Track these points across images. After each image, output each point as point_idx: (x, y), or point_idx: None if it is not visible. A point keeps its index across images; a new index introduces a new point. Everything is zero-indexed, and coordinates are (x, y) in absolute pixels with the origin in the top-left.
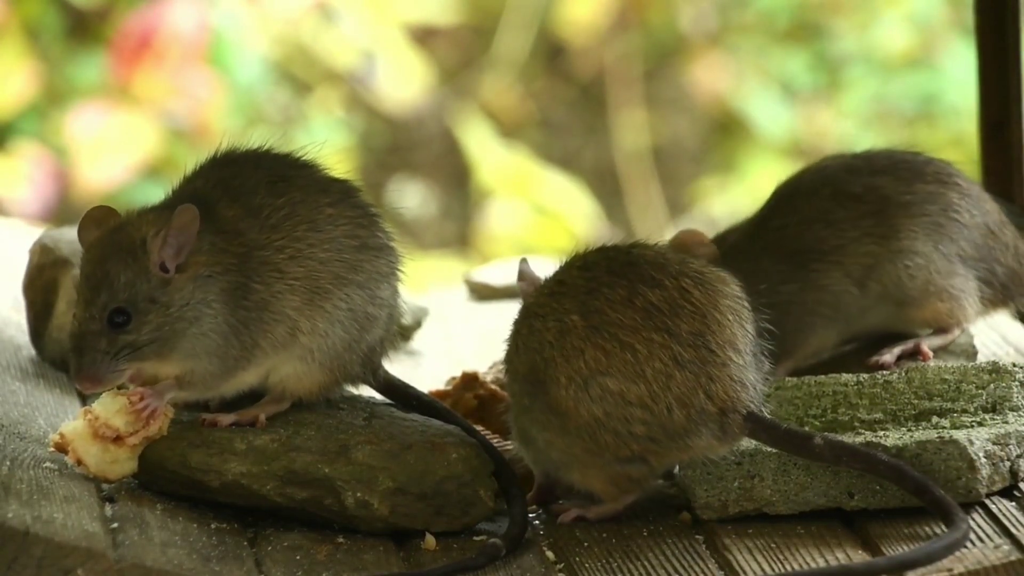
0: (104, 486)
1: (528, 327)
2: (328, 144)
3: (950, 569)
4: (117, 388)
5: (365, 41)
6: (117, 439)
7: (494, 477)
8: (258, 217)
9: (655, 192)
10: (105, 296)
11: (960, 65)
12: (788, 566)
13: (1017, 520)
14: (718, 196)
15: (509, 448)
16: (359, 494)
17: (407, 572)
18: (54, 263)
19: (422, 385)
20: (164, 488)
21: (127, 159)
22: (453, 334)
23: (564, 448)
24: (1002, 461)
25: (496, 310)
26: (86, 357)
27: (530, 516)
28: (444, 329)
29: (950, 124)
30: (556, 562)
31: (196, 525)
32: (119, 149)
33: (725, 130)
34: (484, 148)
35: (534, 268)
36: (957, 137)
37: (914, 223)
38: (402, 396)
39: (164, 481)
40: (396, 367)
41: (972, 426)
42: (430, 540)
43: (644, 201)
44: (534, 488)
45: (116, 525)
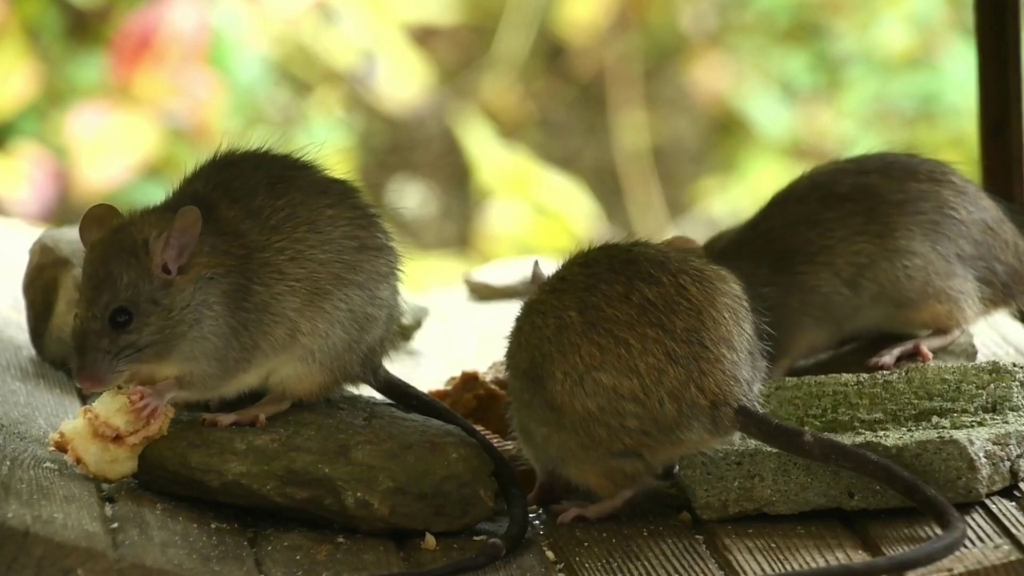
0: (104, 486)
1: (530, 324)
2: (328, 144)
3: (950, 569)
4: (117, 387)
5: (365, 41)
6: (117, 438)
7: (494, 477)
8: (258, 218)
9: (655, 192)
10: (107, 296)
11: (960, 65)
12: (788, 566)
13: (1017, 520)
14: (718, 196)
15: (509, 448)
16: (359, 494)
17: (407, 572)
18: (54, 263)
19: (422, 385)
20: (164, 488)
21: (127, 159)
22: (453, 334)
23: (560, 443)
24: (1002, 461)
25: (496, 310)
26: (88, 356)
27: (530, 516)
28: (444, 329)
29: (950, 124)
30: (556, 562)
31: (196, 525)
32: (119, 149)
33: (725, 130)
34: (484, 148)
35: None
36: (957, 137)
37: (909, 221)
38: (402, 396)
39: (164, 481)
40: (396, 367)
41: (972, 426)
42: (430, 540)
43: (644, 201)
44: (536, 487)
45: (116, 525)
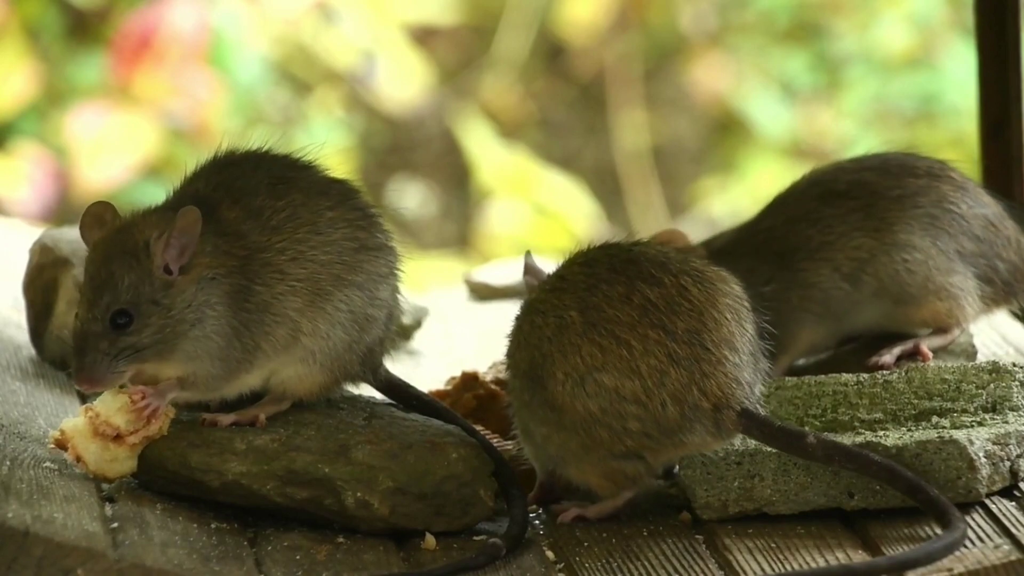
0: (104, 486)
1: (529, 323)
2: (328, 144)
3: (950, 569)
4: (119, 387)
5: (365, 41)
6: (117, 437)
7: (494, 477)
8: (259, 219)
9: (655, 192)
10: (108, 297)
11: (960, 65)
12: (788, 566)
13: (1017, 520)
14: (718, 196)
15: (509, 448)
16: (359, 494)
17: (407, 572)
18: (54, 263)
19: (422, 385)
20: (164, 488)
21: (127, 159)
22: (453, 334)
23: (561, 443)
24: (1002, 461)
25: (496, 310)
26: (88, 358)
27: (530, 516)
28: (444, 329)
29: (950, 124)
30: (556, 562)
31: (196, 525)
32: (119, 149)
33: (725, 130)
34: (484, 148)
35: (538, 262)
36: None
37: (908, 216)
38: (402, 396)
39: (164, 481)
40: (396, 367)
41: (972, 426)
42: (430, 540)
43: (644, 201)
44: (536, 486)
45: (116, 525)
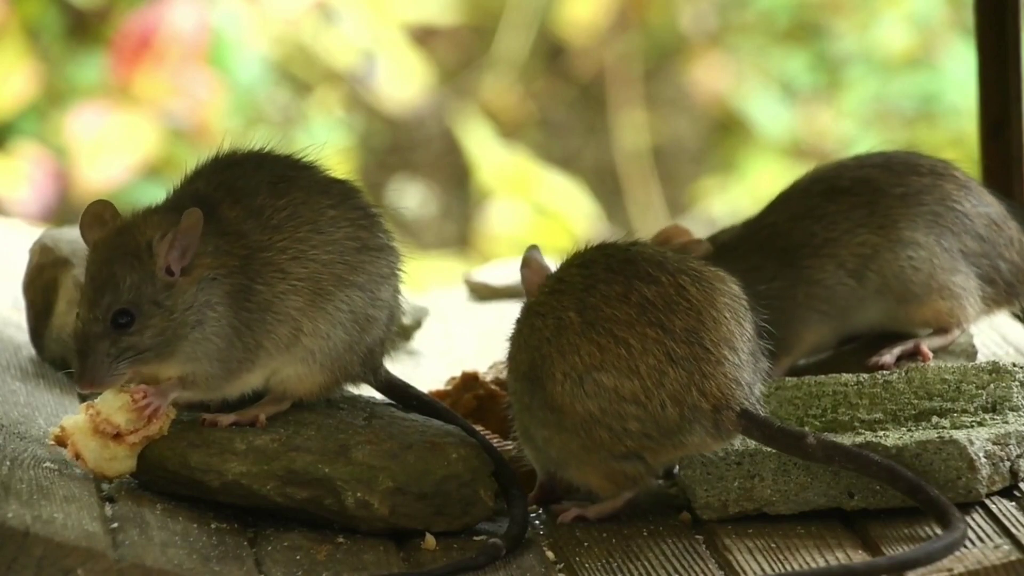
0: (104, 486)
1: (529, 326)
2: (328, 144)
3: (950, 569)
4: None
5: (365, 41)
6: (117, 436)
7: (494, 477)
8: (260, 218)
9: (655, 192)
10: (109, 298)
11: (960, 65)
12: (788, 566)
13: (1017, 520)
14: (718, 196)
15: (509, 448)
16: (359, 494)
17: (407, 572)
18: (54, 263)
19: (422, 385)
20: (164, 488)
21: (127, 159)
22: (453, 334)
23: (561, 445)
24: (1002, 461)
25: (496, 310)
26: (88, 359)
27: (530, 516)
28: (444, 329)
29: (950, 124)
30: (556, 562)
31: (196, 525)
32: (119, 149)
33: (725, 130)
34: (484, 148)
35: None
36: (957, 137)
37: (912, 213)
38: (402, 396)
39: (164, 481)
40: (396, 367)
41: (972, 426)
42: (430, 540)
43: (644, 201)
44: (536, 486)
45: (116, 525)
